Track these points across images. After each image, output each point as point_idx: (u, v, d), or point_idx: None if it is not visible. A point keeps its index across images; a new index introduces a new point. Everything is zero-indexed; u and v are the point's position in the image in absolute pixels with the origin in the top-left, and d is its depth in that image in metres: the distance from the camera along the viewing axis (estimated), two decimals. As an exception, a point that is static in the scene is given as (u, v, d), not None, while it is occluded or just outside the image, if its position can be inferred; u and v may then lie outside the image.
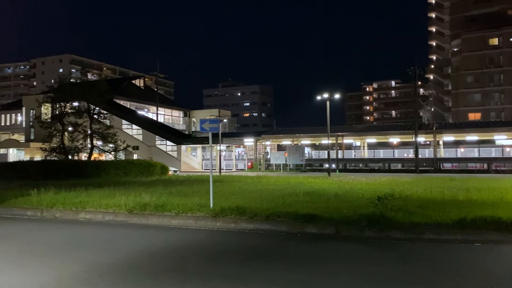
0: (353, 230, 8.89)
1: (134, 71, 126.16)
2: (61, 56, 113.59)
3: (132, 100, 54.67)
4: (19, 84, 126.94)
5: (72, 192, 14.77)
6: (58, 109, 36.34)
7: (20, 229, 10.24)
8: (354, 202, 11.71)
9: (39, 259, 7.10)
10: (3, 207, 13.19)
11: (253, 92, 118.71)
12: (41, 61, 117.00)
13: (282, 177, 25.09)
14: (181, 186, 18.03)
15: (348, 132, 44.97)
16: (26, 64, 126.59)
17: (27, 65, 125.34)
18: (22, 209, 12.74)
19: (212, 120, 12.47)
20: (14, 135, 56.98)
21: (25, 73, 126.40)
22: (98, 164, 28.45)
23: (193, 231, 9.62)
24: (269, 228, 9.50)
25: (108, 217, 11.39)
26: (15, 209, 12.85)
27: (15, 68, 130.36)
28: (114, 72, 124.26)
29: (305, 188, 16.14)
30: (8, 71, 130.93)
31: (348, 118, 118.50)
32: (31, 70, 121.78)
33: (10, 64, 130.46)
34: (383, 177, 24.26)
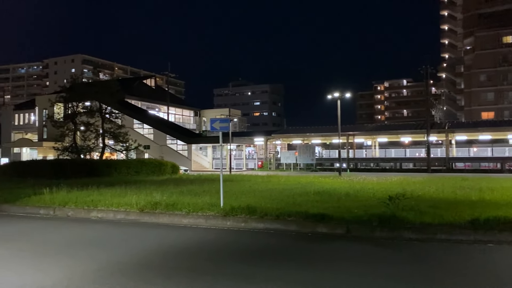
0: (364, 230, 8.83)
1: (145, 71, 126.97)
2: (73, 56, 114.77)
3: (143, 99, 55.00)
4: (32, 84, 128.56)
5: (84, 191, 14.90)
6: (71, 108, 36.70)
7: (33, 227, 10.37)
8: (365, 202, 11.63)
9: (52, 257, 7.18)
10: (16, 205, 13.36)
11: (263, 91, 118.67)
12: (53, 61, 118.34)
13: (292, 177, 25.04)
14: (191, 185, 18.08)
15: (359, 132, 44.71)
16: (39, 64, 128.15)
17: (40, 65, 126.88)
18: (35, 208, 12.89)
19: (222, 120, 12.49)
20: (27, 134, 57.70)
21: (38, 73, 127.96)
22: (110, 163, 28.67)
23: (204, 230, 9.65)
24: (279, 228, 9.49)
25: (120, 216, 11.48)
26: (28, 208, 13.02)
27: (28, 68, 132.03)
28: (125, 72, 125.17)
29: (315, 188, 16.08)
30: (21, 71, 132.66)
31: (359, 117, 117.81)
32: (44, 70, 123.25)
33: (23, 64, 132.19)
34: (395, 177, 24.08)
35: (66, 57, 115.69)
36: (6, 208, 13.33)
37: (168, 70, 61.88)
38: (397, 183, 19.02)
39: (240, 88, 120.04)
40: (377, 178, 22.49)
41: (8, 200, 13.86)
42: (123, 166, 28.00)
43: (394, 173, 33.33)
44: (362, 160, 43.54)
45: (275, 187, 17.21)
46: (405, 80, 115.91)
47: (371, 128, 48.13)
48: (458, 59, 71.61)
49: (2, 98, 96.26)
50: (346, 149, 42.35)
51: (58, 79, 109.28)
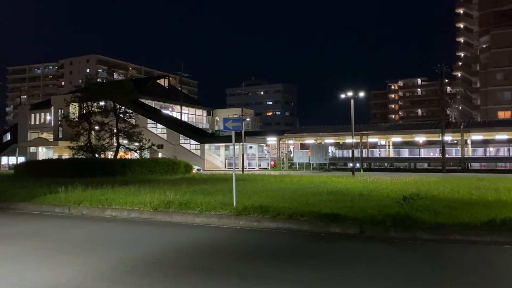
0: (378, 230, 8.76)
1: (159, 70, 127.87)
2: (88, 57, 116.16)
3: (156, 99, 55.39)
4: (48, 84, 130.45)
5: (99, 189, 15.04)
6: (85, 108, 37.11)
7: (49, 225, 10.52)
8: (379, 202, 11.54)
9: (66, 255, 7.27)
10: (32, 204, 13.57)
11: (276, 90, 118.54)
12: (68, 61, 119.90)
13: (305, 176, 24.96)
14: (204, 184, 18.14)
15: (373, 131, 44.37)
16: (54, 65, 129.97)
17: (56, 66, 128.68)
18: (50, 206, 13.08)
19: (235, 119, 12.50)
20: (43, 134, 58.55)
21: (54, 73, 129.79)
22: (124, 162, 28.92)
23: (216, 229, 9.68)
24: (292, 228, 9.47)
25: (133, 215, 11.58)
26: (44, 206, 13.21)
27: (44, 69, 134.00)
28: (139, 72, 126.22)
29: (328, 188, 16.01)
30: (37, 71, 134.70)
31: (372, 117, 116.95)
32: (59, 71, 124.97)
33: (39, 64, 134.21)
34: (409, 177, 23.84)
35: (81, 57, 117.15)
36: (22, 206, 13.55)
37: (182, 70, 62.30)
38: (412, 183, 18.83)
39: (253, 87, 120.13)
40: (391, 178, 22.29)
41: (24, 199, 14.07)
42: (137, 165, 28.22)
43: (408, 173, 33.01)
44: (376, 160, 43.21)
45: (287, 186, 17.17)
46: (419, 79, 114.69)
47: (385, 127, 47.72)
48: (474, 58, 70.56)
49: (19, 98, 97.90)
50: (360, 149, 42.07)
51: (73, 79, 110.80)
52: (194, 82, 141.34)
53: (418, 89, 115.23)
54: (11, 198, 14.41)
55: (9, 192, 15.27)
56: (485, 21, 65.35)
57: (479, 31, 68.08)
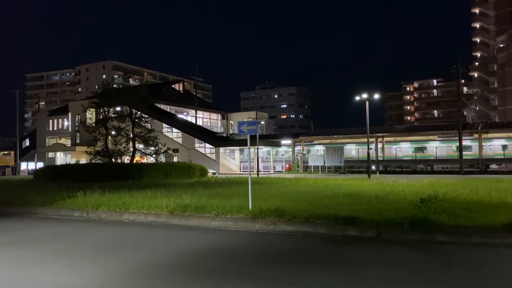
0: (395, 233, 8.68)
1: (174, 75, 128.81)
2: (104, 63, 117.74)
3: (172, 104, 55.84)
4: (65, 91, 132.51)
5: (116, 194, 15.19)
6: (102, 113, 37.55)
7: (68, 229, 10.67)
8: (395, 204, 11.41)
9: (86, 258, 7.37)
10: (51, 208, 13.78)
11: (290, 93, 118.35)
12: (85, 67, 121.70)
13: (320, 179, 24.83)
14: (220, 188, 18.18)
15: (388, 133, 44.00)
16: (71, 71, 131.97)
17: (72, 72, 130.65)
18: (69, 210, 13.27)
19: (250, 122, 12.52)
20: (61, 139, 59.47)
21: (71, 79, 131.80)
22: (140, 167, 29.18)
23: (232, 232, 9.70)
24: (308, 231, 9.43)
25: (150, 218, 11.68)
26: (63, 210, 13.41)
27: (62, 75, 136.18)
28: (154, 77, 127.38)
29: (344, 190, 15.88)
30: (55, 78, 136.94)
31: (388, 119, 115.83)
32: (76, 77, 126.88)
33: (56, 71, 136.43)
34: (426, 179, 23.52)
35: (97, 63, 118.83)
36: (42, 211, 13.77)
37: (196, 75, 62.69)
38: (429, 185, 18.57)
39: (267, 91, 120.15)
40: (408, 180, 22.03)
41: (43, 203, 14.30)
42: (153, 169, 28.44)
43: (425, 175, 32.59)
44: (392, 162, 42.80)
45: (303, 189, 17.11)
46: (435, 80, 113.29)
47: (401, 129, 47.26)
48: (491, 58, 69.44)
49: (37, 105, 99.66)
50: (375, 151, 41.73)
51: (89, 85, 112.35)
52: (208, 86, 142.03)
53: (434, 90, 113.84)
54: (30, 203, 14.66)
55: (29, 197, 15.53)
56: (502, 21, 64.30)
57: (496, 30, 67.01)
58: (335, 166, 41.48)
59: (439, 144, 42.37)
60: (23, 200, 15.21)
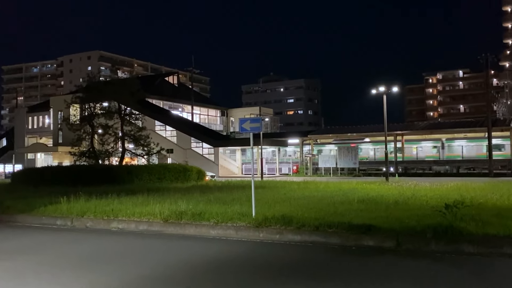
0: (417, 243, 8.69)
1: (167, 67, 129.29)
2: (90, 53, 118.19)
3: (165, 98, 55.98)
4: (46, 84, 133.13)
5: (103, 199, 15.26)
6: (87, 110, 37.68)
7: (50, 239, 10.72)
8: (417, 211, 11.43)
9: (71, 271, 7.40)
10: (32, 215, 13.84)
11: (298, 87, 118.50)
12: (68, 58, 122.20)
13: (332, 183, 24.87)
14: (219, 192, 18.25)
15: (409, 131, 43.95)
16: (53, 63, 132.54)
17: (54, 64, 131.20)
18: (51, 218, 13.32)
19: (253, 119, 12.56)
20: (42, 138, 59.75)
21: (52, 72, 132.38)
22: (131, 169, 29.30)
23: (234, 242, 9.74)
24: (319, 240, 9.45)
25: (142, 227, 11.72)
26: (44, 218, 13.46)
27: (42, 67, 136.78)
28: (145, 68, 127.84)
29: (359, 195, 15.92)
30: (34, 70, 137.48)
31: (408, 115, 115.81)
32: (58, 69, 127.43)
33: (37, 63, 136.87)
34: (451, 182, 23.50)
35: (82, 53, 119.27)
36: (21, 219, 13.83)
37: (192, 66, 62.79)
38: (454, 189, 18.57)
39: (272, 84, 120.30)
40: (430, 184, 22.04)
41: (23, 210, 14.36)
42: (144, 172, 28.57)
43: (450, 177, 32.55)
44: (413, 163, 42.76)
45: (313, 194, 17.15)
46: (461, 71, 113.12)
47: (423, 126, 47.20)
48: (524, 45, 69.21)
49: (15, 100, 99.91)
50: (394, 151, 41.69)
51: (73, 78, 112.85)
52: (206, 79, 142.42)
53: (459, 82, 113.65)
54: (8, 210, 14.72)
55: (6, 203, 15.58)
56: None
57: (530, 14, 66.76)
58: (348, 168, 41.45)
59: (466, 143, 42.31)
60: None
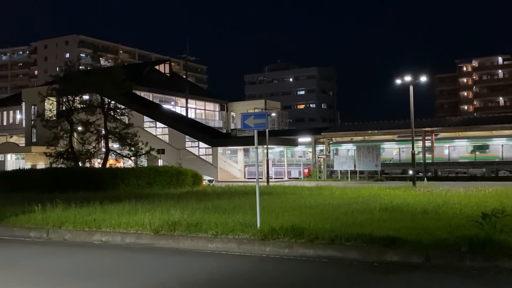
0: (449, 258, 8.69)
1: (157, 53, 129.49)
2: (67, 37, 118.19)
3: (155, 90, 56.10)
4: (17, 74, 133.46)
5: (84, 207, 15.30)
6: (65, 103, 37.80)
7: (22, 254, 10.76)
8: (449, 221, 11.42)
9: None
10: (1, 226, 13.90)
11: (309, 76, 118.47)
12: (43, 44, 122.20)
13: (350, 188, 24.87)
14: (219, 199, 18.30)
15: (439, 127, 43.84)
16: (25, 49, 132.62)
17: (27, 50, 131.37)
18: (24, 229, 13.38)
19: (257, 114, 12.54)
20: (12, 137, 59.96)
21: (25, 60, 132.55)
22: (116, 173, 29.38)
23: (236, 257, 9.76)
24: (335, 255, 9.47)
25: (129, 239, 11.77)
26: (15, 230, 13.52)
27: (13, 54, 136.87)
28: (132, 55, 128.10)
29: (382, 202, 15.93)
30: (3, 58, 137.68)
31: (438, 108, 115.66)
32: (31, 56, 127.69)
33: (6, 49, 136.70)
34: (489, 187, 23.43)
35: (59, 38, 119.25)
36: (-12, 230, 13.90)
37: (187, 52, 62.83)
38: (493, 195, 18.56)
39: (279, 73, 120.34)
40: (465, 189, 21.99)
41: (-9, 220, 14.43)
42: (132, 176, 28.65)
43: (488, 182, 32.46)
44: (444, 165, 42.67)
45: (327, 201, 17.17)
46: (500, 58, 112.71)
47: (456, 122, 47.06)
48: None
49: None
50: (423, 151, 41.60)
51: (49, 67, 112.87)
52: (202, 68, 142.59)
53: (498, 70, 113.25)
54: (-27, 220, 14.78)
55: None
56: None
57: None
58: (369, 171, 41.39)
59: (506, 142, 42.16)
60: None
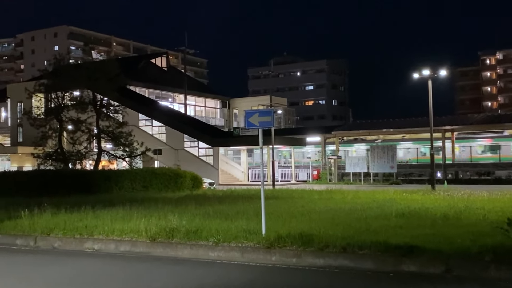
0: (472, 268, 8.68)
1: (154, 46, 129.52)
2: (56, 29, 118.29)
3: (151, 86, 56.10)
4: (2, 68, 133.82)
5: (75, 213, 15.34)
6: (54, 100, 37.83)
7: (7, 263, 10.79)
8: (472, 228, 11.42)
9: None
10: (-15, 233, 13.94)
11: (319, 70, 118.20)
12: (30, 36, 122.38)
13: (363, 192, 24.85)
14: (220, 204, 18.34)
15: (461, 125, 43.67)
16: (10, 41, 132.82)
17: (12, 43, 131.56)
18: (9, 237, 13.43)
19: (262, 112, 12.53)
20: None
21: (10, 53, 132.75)
22: (109, 175, 29.41)
23: (239, 267, 9.77)
24: (347, 265, 9.47)
25: (124, 247, 11.78)
26: (0, 237, 13.56)
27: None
28: (127, 48, 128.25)
29: (398, 207, 15.93)
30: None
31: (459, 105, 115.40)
32: (17, 49, 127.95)
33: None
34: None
35: (47, 29, 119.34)
36: (-29, 237, 13.93)
37: (185, 45, 62.80)
38: (519, 199, 18.49)
39: (286, 66, 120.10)
40: (489, 193, 21.98)
41: (-28, 227, 14.46)
42: (126, 178, 28.68)
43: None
44: (466, 167, 42.54)
45: (339, 206, 17.19)
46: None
47: (479, 119, 46.90)
48: None
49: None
50: (442, 151, 41.49)
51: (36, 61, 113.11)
52: (203, 61, 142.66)
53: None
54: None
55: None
56: None
57: None
58: (384, 174, 41.32)
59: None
60: None
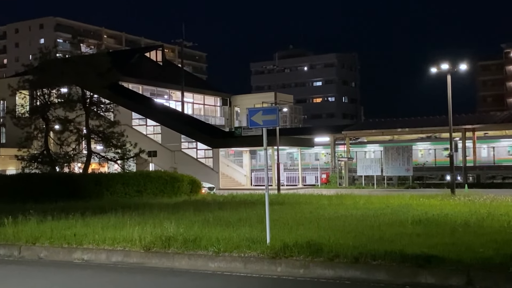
0: (495, 280, 8.68)
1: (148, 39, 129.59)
2: (42, 20, 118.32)
3: (146, 82, 56.15)
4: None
5: (63, 220, 15.35)
6: (40, 98, 37.86)
7: (-10, 274, 10.78)
8: (495, 236, 11.43)
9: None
10: (-35, 242, 13.95)
11: (327, 64, 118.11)
12: (13, 28, 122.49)
13: (376, 197, 24.86)
14: (221, 210, 18.34)
15: (483, 124, 43.58)
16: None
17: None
18: (-8, 246, 13.41)
19: (266, 110, 12.56)
20: (-23, 137, 60.12)
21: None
22: (99, 179, 29.42)
23: (241, 279, 9.77)
24: (359, 276, 9.47)
25: (116, 258, 11.77)
26: (-18, 246, 13.57)
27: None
28: (119, 41, 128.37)
29: (415, 214, 15.95)
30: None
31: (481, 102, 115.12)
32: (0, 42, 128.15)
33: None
34: (542, 196, 23.42)
35: (32, 21, 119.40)
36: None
37: (183, 37, 62.82)
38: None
39: (292, 60, 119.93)
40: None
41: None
42: (118, 182, 28.71)
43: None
44: (488, 170, 42.46)
45: (350, 212, 17.18)
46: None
47: (502, 118, 46.76)
48: None
49: None
50: (462, 152, 41.42)
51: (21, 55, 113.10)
52: (201, 55, 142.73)
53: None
54: None
55: None
56: None
57: None
58: (398, 177, 41.26)
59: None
60: None
